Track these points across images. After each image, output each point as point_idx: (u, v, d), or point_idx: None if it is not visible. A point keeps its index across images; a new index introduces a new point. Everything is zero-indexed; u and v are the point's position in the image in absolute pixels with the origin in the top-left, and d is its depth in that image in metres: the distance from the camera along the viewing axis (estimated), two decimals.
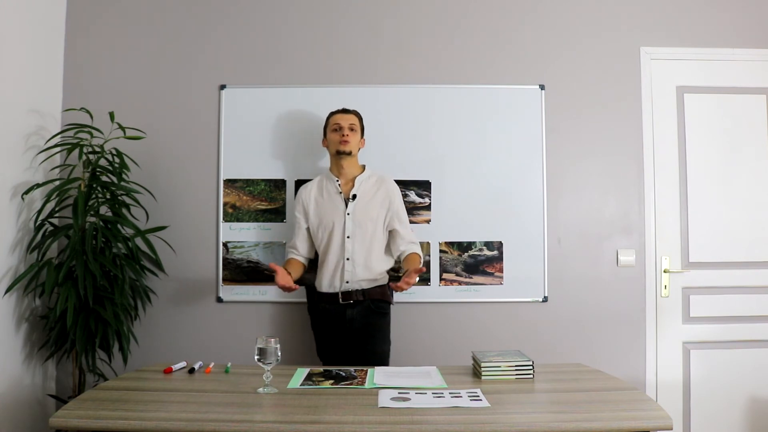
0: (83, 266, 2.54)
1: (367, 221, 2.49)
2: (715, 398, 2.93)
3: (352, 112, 2.61)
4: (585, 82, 3.01)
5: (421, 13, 3.02)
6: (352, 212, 2.49)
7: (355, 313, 2.46)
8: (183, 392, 1.84)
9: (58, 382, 2.88)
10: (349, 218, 2.48)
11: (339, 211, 2.50)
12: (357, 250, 2.47)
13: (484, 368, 1.99)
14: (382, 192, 2.56)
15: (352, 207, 2.50)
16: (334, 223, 2.48)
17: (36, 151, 2.73)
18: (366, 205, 2.51)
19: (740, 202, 3.00)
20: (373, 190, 2.55)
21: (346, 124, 2.54)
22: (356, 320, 2.46)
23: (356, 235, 2.48)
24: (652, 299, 2.96)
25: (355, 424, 1.55)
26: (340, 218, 2.49)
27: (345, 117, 2.57)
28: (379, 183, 2.58)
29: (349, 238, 2.47)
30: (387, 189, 2.58)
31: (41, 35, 2.82)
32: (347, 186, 2.55)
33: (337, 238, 2.48)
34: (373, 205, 2.52)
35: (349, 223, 2.48)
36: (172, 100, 2.97)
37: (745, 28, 3.03)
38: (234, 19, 3.00)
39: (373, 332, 2.49)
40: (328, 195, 2.55)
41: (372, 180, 2.58)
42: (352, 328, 2.46)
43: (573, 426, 1.56)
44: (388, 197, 2.56)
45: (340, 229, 2.48)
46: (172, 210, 2.91)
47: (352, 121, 2.57)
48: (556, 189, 2.97)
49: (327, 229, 2.50)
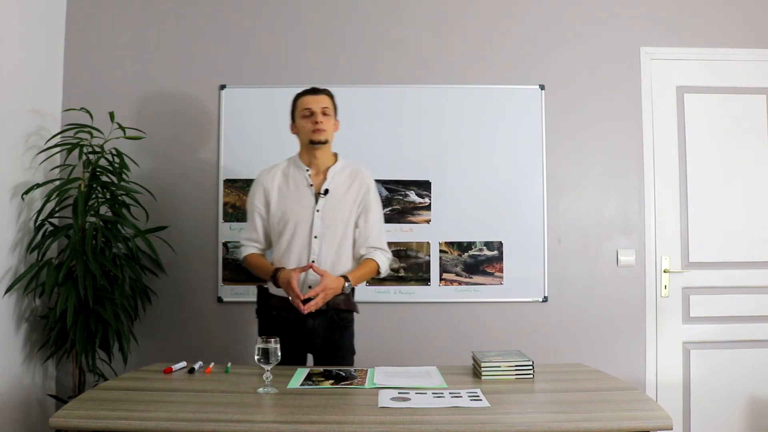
0: (83, 266, 2.54)
1: (338, 221, 2.21)
2: (715, 398, 2.93)
3: (323, 92, 2.25)
4: (585, 82, 3.01)
5: (421, 13, 3.02)
6: (323, 210, 2.19)
7: (317, 324, 2.18)
8: (183, 392, 1.84)
9: (58, 382, 2.88)
10: (318, 216, 2.18)
11: (307, 207, 2.19)
12: (324, 253, 2.19)
13: (484, 368, 1.98)
14: (355, 187, 2.25)
15: (323, 204, 2.19)
16: (299, 220, 2.18)
17: (36, 151, 2.73)
18: (338, 202, 2.22)
19: (740, 202, 3.00)
20: (346, 184, 2.25)
21: (318, 108, 2.20)
22: (318, 333, 2.19)
23: (324, 235, 2.19)
24: (652, 299, 2.96)
25: (355, 424, 1.55)
26: (308, 215, 2.18)
27: (316, 99, 2.22)
28: (353, 176, 2.26)
29: (317, 239, 2.18)
30: (361, 184, 2.26)
31: (41, 35, 2.82)
32: (318, 178, 2.24)
33: (302, 236, 2.18)
34: (345, 202, 2.23)
35: (318, 222, 2.18)
36: (172, 100, 2.97)
37: (745, 28, 3.03)
38: (234, 19, 3.00)
39: (336, 349, 2.23)
40: (295, 186, 2.23)
41: (345, 172, 2.27)
42: (312, 342, 2.19)
43: (573, 426, 1.55)
44: (361, 193, 2.25)
45: (307, 227, 2.18)
46: (172, 210, 2.91)
47: (324, 104, 2.22)
48: (556, 189, 2.97)
49: (290, 225, 2.19)
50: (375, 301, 2.91)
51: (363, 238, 2.25)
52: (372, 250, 2.26)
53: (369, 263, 2.24)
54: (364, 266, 2.23)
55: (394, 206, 2.94)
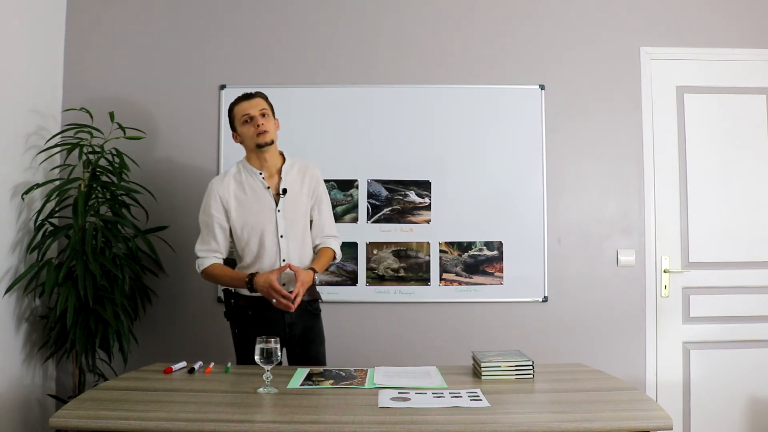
0: (83, 266, 2.54)
1: (298, 217, 2.29)
2: (715, 398, 2.93)
3: (257, 95, 2.31)
4: (585, 82, 3.01)
5: (421, 13, 3.02)
6: (283, 209, 2.26)
7: (294, 316, 2.25)
8: (183, 392, 1.84)
9: (58, 382, 2.88)
10: (281, 216, 2.25)
11: (268, 210, 2.26)
12: (292, 249, 2.27)
13: (484, 368, 1.98)
14: (307, 181, 2.34)
15: (282, 203, 2.26)
16: (265, 223, 2.24)
17: (36, 151, 2.73)
18: (295, 198, 2.29)
19: (740, 202, 3.00)
20: (298, 180, 2.32)
21: (257, 111, 2.25)
22: (296, 324, 2.28)
23: (289, 233, 2.26)
24: (652, 299, 2.96)
25: (355, 424, 1.55)
26: (271, 217, 2.25)
27: (252, 104, 2.27)
28: (303, 171, 2.34)
29: (283, 237, 2.25)
30: (311, 177, 2.35)
31: (41, 35, 2.82)
32: (272, 179, 2.30)
33: (270, 238, 2.25)
34: (301, 198, 2.31)
35: (281, 221, 2.25)
36: (172, 100, 2.97)
37: (745, 28, 3.03)
38: (234, 19, 3.00)
39: (313, 337, 2.34)
40: (252, 191, 2.28)
41: (295, 169, 2.33)
42: (292, 334, 2.28)
43: (573, 426, 1.55)
44: (312, 186, 2.34)
45: (272, 228, 2.25)
46: (172, 210, 2.91)
47: (261, 106, 2.27)
48: (556, 189, 2.97)
49: (256, 230, 2.25)
50: (375, 301, 2.92)
51: (318, 228, 2.36)
52: (326, 238, 2.37)
53: (327, 251, 2.35)
54: (323, 255, 2.34)
55: (394, 206, 2.94)
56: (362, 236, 2.93)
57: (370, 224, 2.93)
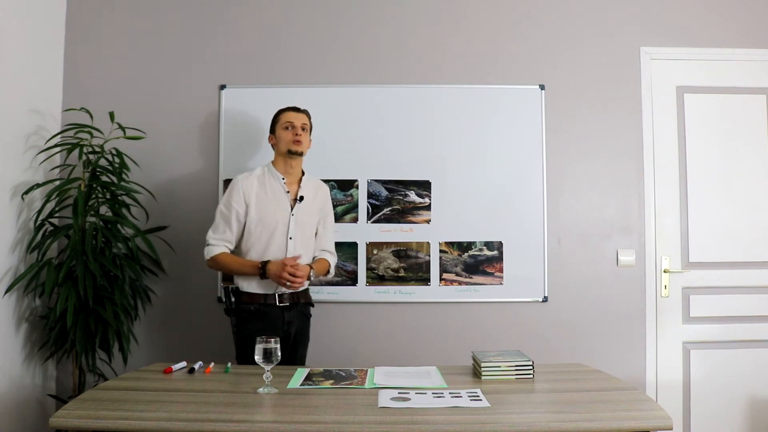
0: (83, 266, 2.54)
1: (308, 225, 2.48)
2: (715, 398, 2.93)
3: (304, 112, 2.51)
4: (585, 82, 3.01)
5: (421, 12, 3.02)
6: (297, 214, 2.43)
7: (293, 315, 2.42)
8: (183, 392, 1.84)
9: (58, 382, 2.88)
10: (294, 219, 2.42)
11: (283, 212, 2.42)
12: (297, 251, 2.41)
13: (484, 368, 1.99)
14: (319, 196, 2.54)
15: (297, 209, 2.44)
16: (277, 223, 2.40)
17: (36, 151, 2.73)
18: (308, 208, 2.48)
19: (740, 202, 3.00)
20: (312, 193, 2.51)
21: (299, 123, 2.45)
22: (293, 323, 2.43)
23: (297, 236, 2.42)
24: (652, 299, 2.96)
25: (355, 424, 1.55)
26: (285, 218, 2.41)
27: (298, 116, 2.47)
28: (317, 187, 2.55)
29: (292, 240, 2.41)
30: (323, 194, 2.57)
31: (41, 35, 2.82)
32: (293, 186, 2.47)
33: (279, 238, 2.40)
34: (313, 209, 2.50)
35: (293, 224, 2.42)
36: (172, 100, 2.97)
37: (745, 28, 3.03)
38: (234, 19, 3.00)
39: (302, 338, 2.49)
40: (272, 193, 2.44)
41: (311, 183, 2.54)
42: (288, 332, 2.41)
43: (573, 426, 1.56)
44: (322, 202, 2.55)
45: (284, 229, 2.41)
46: (172, 210, 2.91)
47: (304, 121, 2.47)
48: (556, 189, 2.97)
49: (268, 228, 2.40)
50: (375, 301, 2.92)
51: (320, 241, 2.55)
52: (324, 252, 2.55)
53: (323, 262, 2.52)
54: (320, 263, 2.51)
55: (394, 206, 2.94)
56: (362, 236, 2.93)
57: (370, 224, 2.94)
